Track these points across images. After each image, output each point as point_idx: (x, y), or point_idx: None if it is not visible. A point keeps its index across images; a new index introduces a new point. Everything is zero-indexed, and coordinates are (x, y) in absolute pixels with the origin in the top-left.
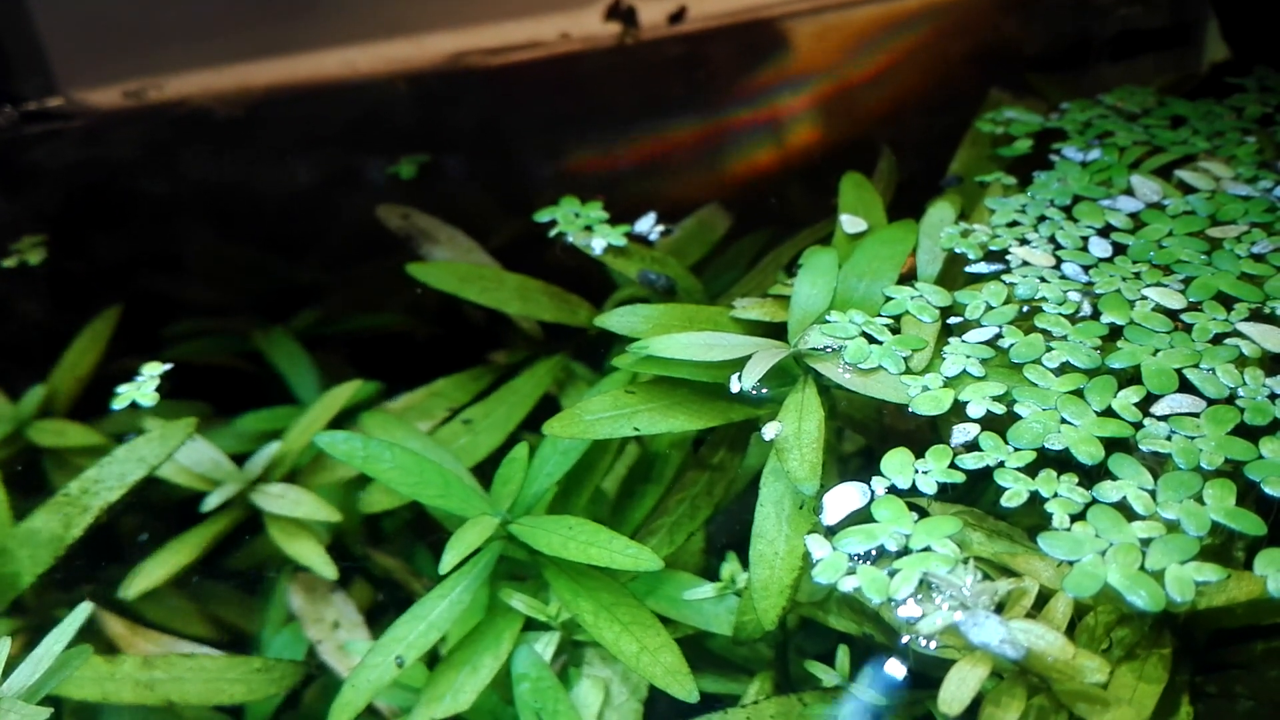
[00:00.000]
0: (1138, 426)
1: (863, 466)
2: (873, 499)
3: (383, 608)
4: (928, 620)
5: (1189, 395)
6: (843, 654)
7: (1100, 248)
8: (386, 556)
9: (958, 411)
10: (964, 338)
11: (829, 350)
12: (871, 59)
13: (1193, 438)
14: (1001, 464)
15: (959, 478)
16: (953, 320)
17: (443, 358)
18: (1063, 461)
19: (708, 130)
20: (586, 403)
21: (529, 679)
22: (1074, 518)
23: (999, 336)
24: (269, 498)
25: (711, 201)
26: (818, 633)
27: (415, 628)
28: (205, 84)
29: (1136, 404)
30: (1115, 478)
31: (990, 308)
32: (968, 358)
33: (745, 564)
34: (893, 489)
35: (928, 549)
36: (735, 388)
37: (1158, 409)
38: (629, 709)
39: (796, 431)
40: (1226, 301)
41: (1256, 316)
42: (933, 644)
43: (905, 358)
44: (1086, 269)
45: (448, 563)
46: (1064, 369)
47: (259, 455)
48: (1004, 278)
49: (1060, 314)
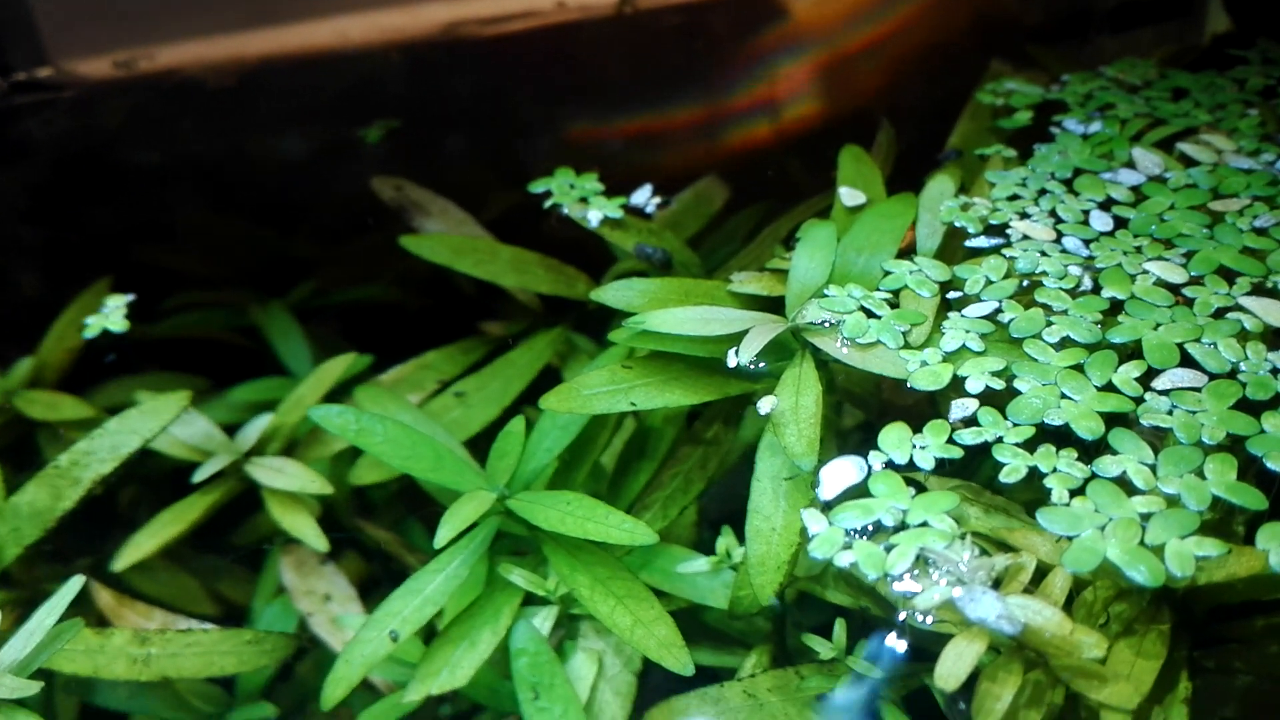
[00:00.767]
0: (1138, 401)
1: (862, 441)
2: (870, 474)
3: (375, 581)
4: (925, 595)
5: (1190, 370)
6: (839, 628)
7: (1101, 221)
8: (379, 529)
9: (956, 387)
10: (963, 312)
11: (827, 325)
12: (870, 29)
13: (1194, 412)
14: (1000, 439)
15: (957, 453)
16: (952, 295)
17: (436, 330)
18: (1062, 436)
19: (705, 101)
20: (584, 377)
21: (527, 654)
22: (1073, 493)
23: (999, 311)
24: (262, 470)
25: (709, 174)
26: (815, 606)
27: (410, 602)
28: (197, 54)
29: (1137, 379)
30: (1115, 452)
31: (990, 282)
32: (967, 332)
33: (740, 537)
34: (890, 464)
35: (925, 524)
36: (732, 362)
37: (1159, 384)
38: (623, 681)
39: (794, 406)
40: (1228, 276)
41: (1258, 291)
42: (930, 619)
43: (904, 332)
44: (1087, 243)
45: (442, 537)
46: (1064, 344)
47: (250, 427)
48: (1004, 252)
49: (1061, 288)
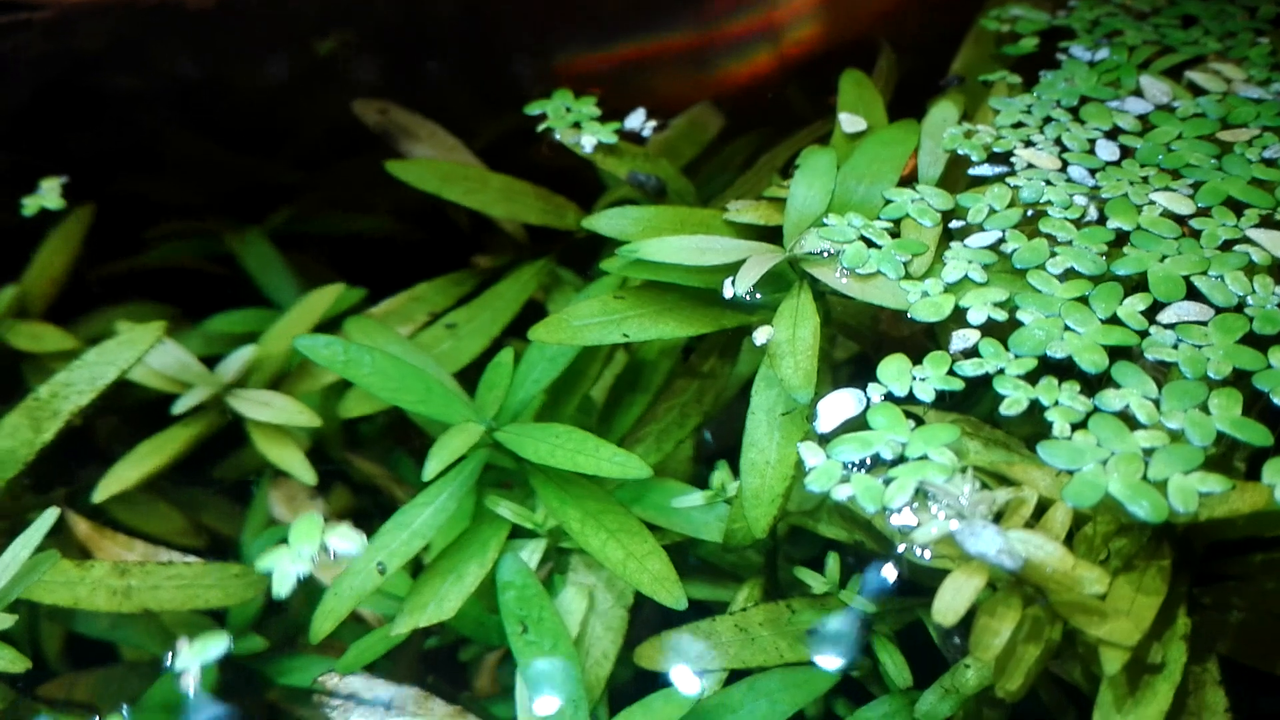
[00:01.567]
0: (1143, 334)
1: (855, 374)
2: (868, 406)
3: (364, 514)
4: (923, 529)
5: (1196, 303)
6: (832, 561)
7: (1107, 150)
8: (367, 462)
9: (957, 318)
10: (966, 242)
11: (826, 255)
12: None
13: (1200, 346)
14: (1001, 371)
15: (957, 385)
16: (954, 224)
17: (424, 261)
18: (1065, 369)
19: (701, 25)
20: (574, 308)
21: (514, 587)
22: (1075, 426)
23: (1002, 241)
24: (246, 403)
25: (703, 101)
26: (807, 540)
27: (399, 535)
28: None
29: (1142, 311)
30: (1119, 386)
31: (993, 211)
32: (969, 263)
33: (735, 472)
34: (889, 396)
35: (924, 457)
36: (728, 293)
37: (1164, 317)
38: (614, 616)
39: (791, 338)
40: (1236, 207)
41: (1267, 223)
42: (928, 553)
43: (905, 262)
44: (1093, 172)
45: (431, 469)
46: (1068, 275)
47: (232, 359)
48: (1008, 180)
49: (1065, 218)
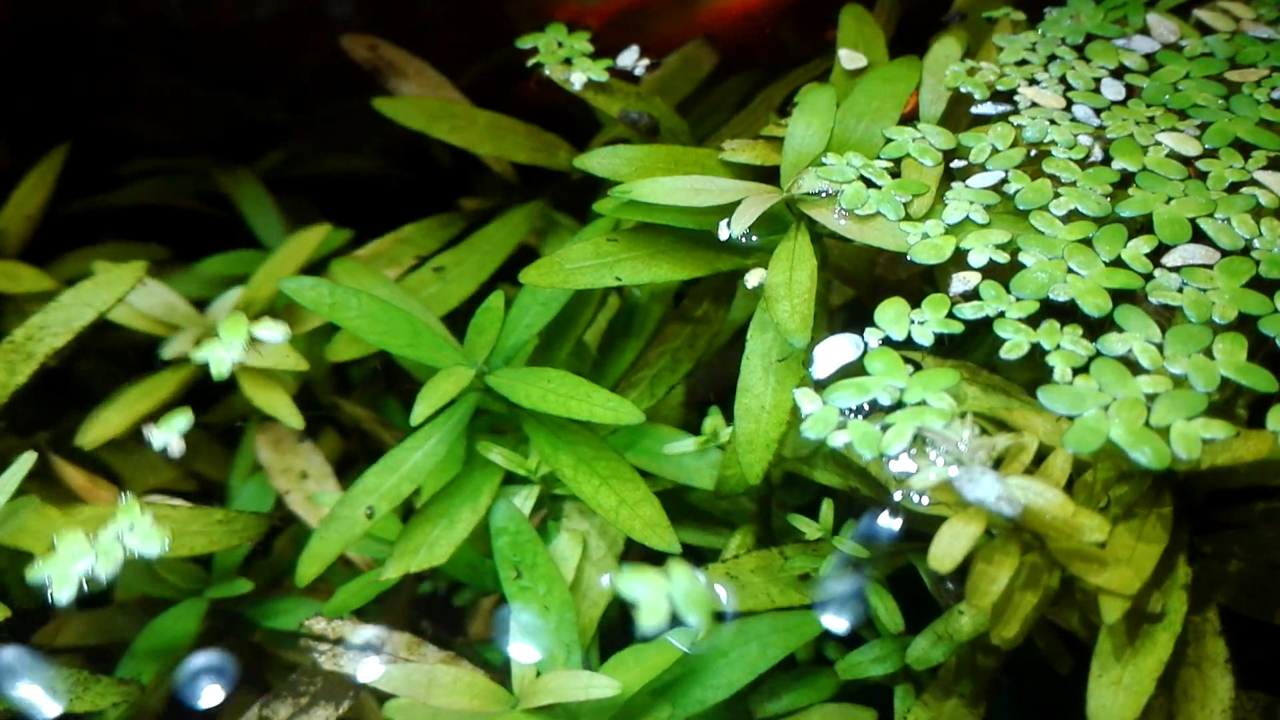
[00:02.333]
0: (1148, 278)
1: (851, 320)
2: (865, 351)
3: (352, 458)
4: (921, 475)
5: (1202, 246)
6: (826, 507)
7: (1113, 89)
8: (356, 407)
9: (958, 261)
10: (967, 182)
11: (824, 195)
12: None
13: (1205, 290)
14: (1002, 314)
15: (957, 328)
16: (956, 164)
17: (412, 203)
18: (1067, 313)
19: None
20: (567, 250)
21: (507, 532)
22: (1077, 371)
23: (1004, 181)
24: None
25: (697, 38)
26: (801, 487)
27: (387, 479)
28: None
29: (1147, 254)
30: (1122, 330)
31: (996, 151)
32: (971, 204)
33: (728, 418)
34: (887, 341)
35: (923, 403)
36: (724, 235)
37: (1169, 260)
38: (607, 562)
39: (787, 281)
40: (1244, 149)
41: (1275, 165)
42: (925, 500)
43: (905, 203)
44: (1098, 112)
45: (419, 414)
46: (1072, 216)
47: (221, 301)
48: (1011, 119)
49: (1070, 159)
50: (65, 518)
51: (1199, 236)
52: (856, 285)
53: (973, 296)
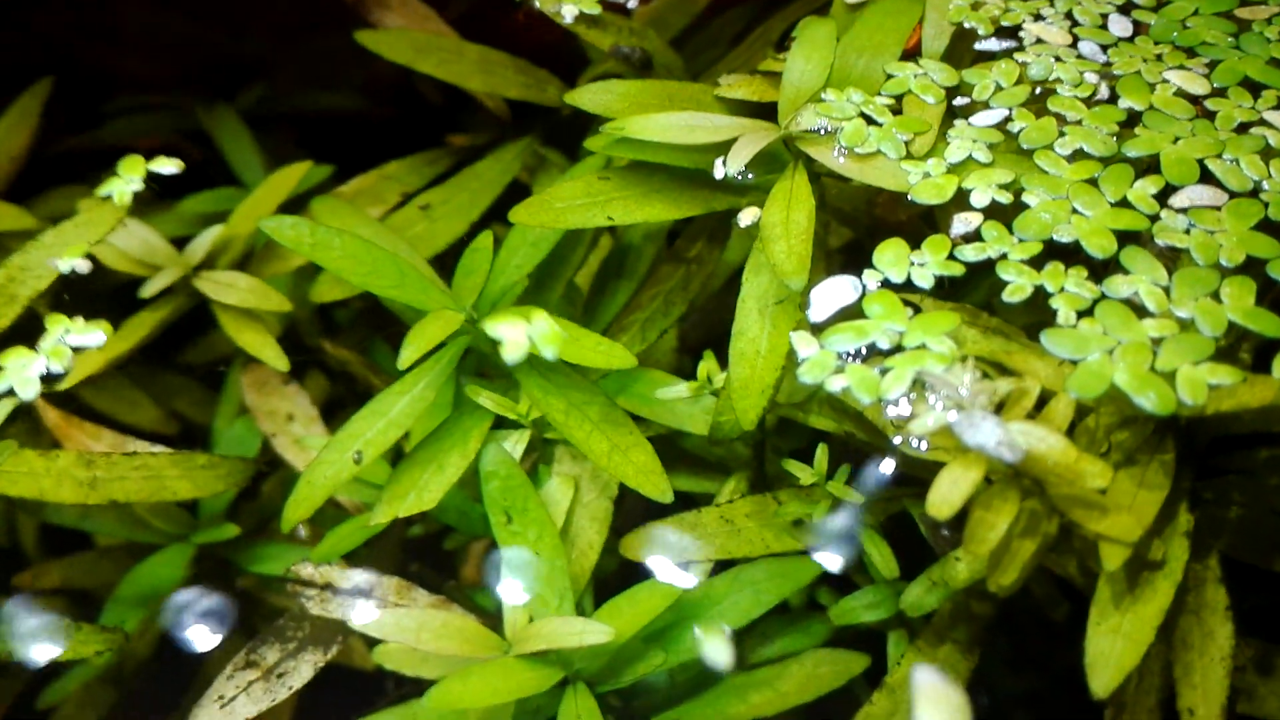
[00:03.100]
0: (1154, 219)
1: (848, 262)
2: (864, 294)
3: (340, 402)
4: (920, 420)
5: (1210, 187)
6: (821, 452)
7: (1120, 26)
8: (343, 350)
9: (959, 201)
10: (971, 120)
11: (823, 132)
12: None
13: (1212, 232)
14: (1005, 256)
15: (958, 270)
16: (959, 101)
17: (398, 140)
18: (1071, 254)
19: None
20: (557, 189)
21: (498, 477)
22: (1081, 314)
23: (1008, 120)
24: (213, 285)
25: None
26: (795, 432)
27: (374, 424)
28: None
29: (1154, 195)
30: (1127, 273)
31: (1000, 88)
32: (974, 142)
33: (722, 362)
34: (886, 283)
35: (923, 346)
36: (719, 173)
37: (1176, 201)
38: (599, 507)
39: (784, 221)
40: (1253, 88)
41: None
42: (924, 445)
43: (907, 141)
44: (1105, 49)
45: (406, 358)
46: (1077, 156)
47: (200, 239)
48: (1016, 56)
49: (1075, 97)
50: (45, 462)
51: (1207, 177)
52: (855, 227)
53: (974, 238)
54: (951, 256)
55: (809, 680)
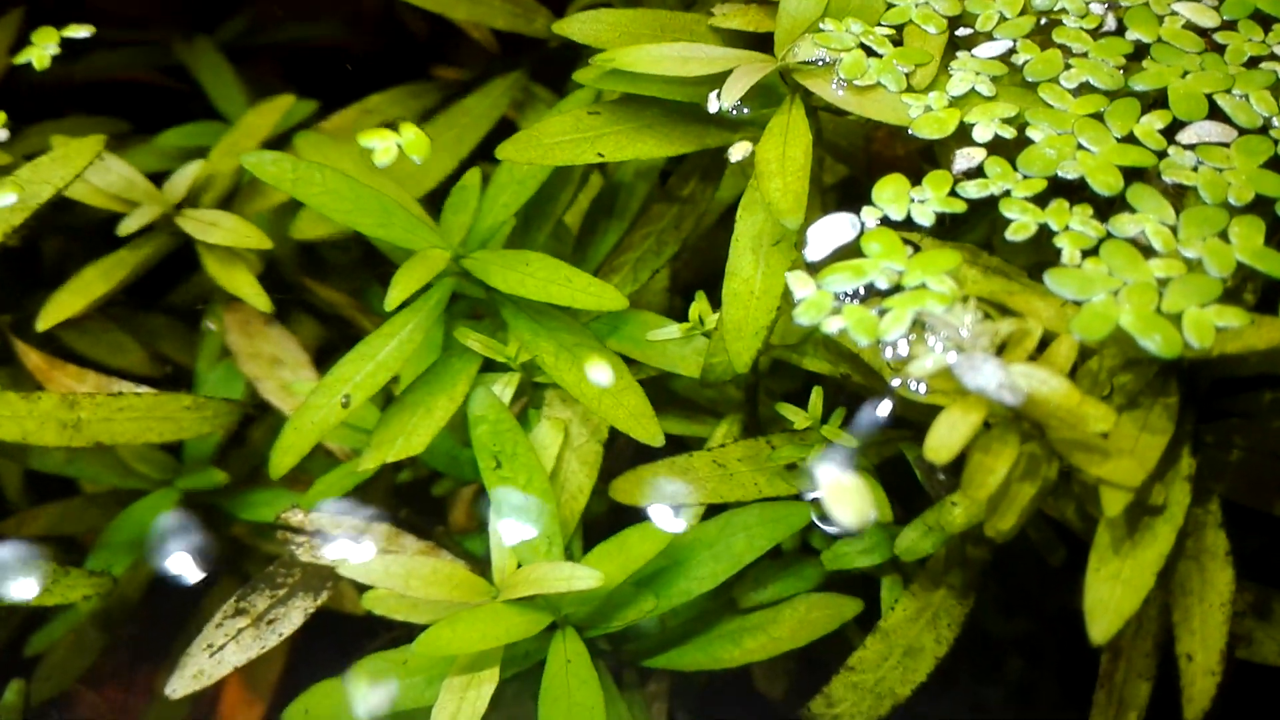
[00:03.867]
0: (1161, 155)
1: (844, 200)
2: (862, 232)
3: (331, 346)
4: (919, 362)
5: (1219, 123)
6: (815, 395)
7: None
8: (332, 290)
9: (961, 136)
10: (973, 52)
11: (821, 64)
12: None
13: (1221, 170)
14: (1008, 193)
15: (960, 207)
16: (962, 32)
17: (383, 73)
18: (1076, 191)
19: None
20: (545, 124)
21: (487, 421)
22: (1086, 253)
23: (1012, 52)
24: (195, 223)
25: None
26: (789, 374)
27: (362, 367)
28: None
29: (1161, 130)
30: (1133, 211)
31: (1004, 19)
32: (977, 75)
33: (715, 303)
34: (885, 220)
35: (923, 286)
36: (713, 107)
37: (1184, 137)
38: (589, 450)
39: (780, 157)
40: (1264, 21)
41: None
42: (923, 387)
43: (907, 74)
44: None
45: (393, 299)
46: (1083, 90)
47: (179, 176)
48: None
49: (1081, 28)
50: (27, 404)
51: (1215, 113)
52: (851, 163)
53: (976, 174)
54: (953, 193)
55: (802, 625)
